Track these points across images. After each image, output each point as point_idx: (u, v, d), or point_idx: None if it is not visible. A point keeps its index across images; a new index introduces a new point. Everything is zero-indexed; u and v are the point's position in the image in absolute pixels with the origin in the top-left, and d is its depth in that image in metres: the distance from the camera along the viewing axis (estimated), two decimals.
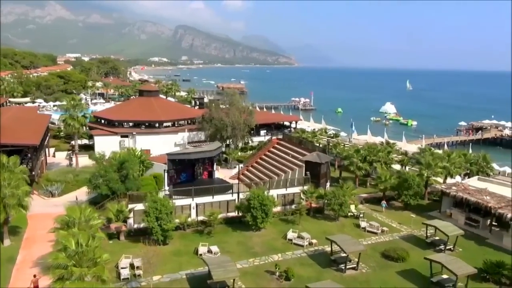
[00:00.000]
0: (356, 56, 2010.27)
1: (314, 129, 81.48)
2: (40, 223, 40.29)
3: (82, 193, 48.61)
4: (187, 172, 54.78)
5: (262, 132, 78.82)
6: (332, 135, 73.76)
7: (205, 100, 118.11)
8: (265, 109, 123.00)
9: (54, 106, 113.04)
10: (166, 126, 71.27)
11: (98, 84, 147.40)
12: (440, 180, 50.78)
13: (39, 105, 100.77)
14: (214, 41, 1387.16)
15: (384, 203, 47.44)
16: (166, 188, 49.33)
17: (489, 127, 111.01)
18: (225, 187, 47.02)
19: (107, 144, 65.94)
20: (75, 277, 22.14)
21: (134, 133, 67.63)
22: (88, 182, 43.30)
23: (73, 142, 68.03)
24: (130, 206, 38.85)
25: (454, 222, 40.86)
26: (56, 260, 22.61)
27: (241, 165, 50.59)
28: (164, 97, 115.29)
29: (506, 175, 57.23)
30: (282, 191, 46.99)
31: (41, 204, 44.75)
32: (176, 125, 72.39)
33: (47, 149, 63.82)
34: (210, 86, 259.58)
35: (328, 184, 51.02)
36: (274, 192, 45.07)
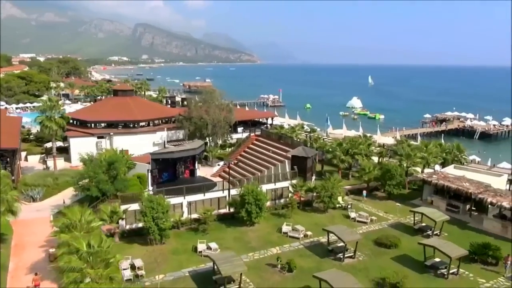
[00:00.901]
0: (318, 53, 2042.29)
1: (289, 125, 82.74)
2: (26, 229, 39.00)
3: (65, 197, 47.32)
4: (169, 171, 54.46)
5: (240, 129, 79.15)
6: (309, 130, 74.99)
7: (177, 99, 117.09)
8: (238, 106, 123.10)
9: (17, 108, 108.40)
10: (143, 126, 70.17)
11: (62, 84, 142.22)
12: (419, 169, 53.08)
13: (6, 108, 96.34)
14: (175, 39, 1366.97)
15: (364, 192, 49.06)
16: (150, 188, 48.90)
17: (452, 119, 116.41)
18: (209, 185, 46.81)
19: (83, 146, 64.03)
20: (90, 279, 21.69)
21: (111, 133, 66.14)
22: (75, 185, 42.14)
23: (46, 145, 65.77)
24: (123, 206, 38.19)
25: (436, 209, 42.93)
26: (68, 263, 22.10)
27: (232, 162, 50.59)
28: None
29: (477, 162, 60.52)
30: (271, 186, 47.59)
31: (23, 210, 42.92)
32: (154, 125, 71.41)
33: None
34: (175, 85, 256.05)
35: (313, 177, 52.10)
36: (263, 187, 45.58)
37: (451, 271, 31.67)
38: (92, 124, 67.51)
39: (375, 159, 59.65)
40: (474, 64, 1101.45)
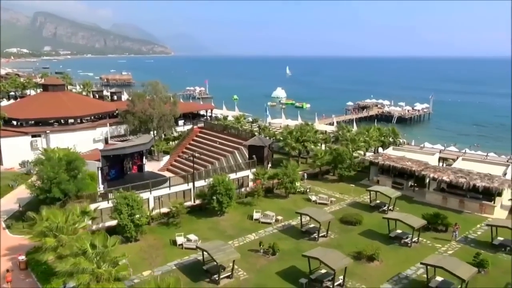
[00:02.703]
0: (233, 44, 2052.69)
1: (232, 116, 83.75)
2: None
3: (8, 200, 43.86)
4: (116, 168, 52.94)
5: (180, 122, 78.47)
6: (251, 121, 76.81)
7: (104, 93, 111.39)
8: None
9: None
10: (82, 122, 66.42)
11: None
12: (361, 152, 57.70)
13: None
14: (81, 30, 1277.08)
15: (304, 175, 52.07)
16: (101, 186, 47.30)
17: (371, 106, 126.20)
18: (161, 180, 46.08)
19: (16, 146, 59.37)
20: (101, 279, 21.18)
21: (47, 131, 61.70)
22: (31, 186, 39.21)
23: None
24: (93, 205, 36.61)
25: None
26: (78, 265, 21.26)
27: (195, 154, 50.26)
28: None
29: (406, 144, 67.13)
30: (233, 175, 48.56)
31: None
32: (93, 120, 67.91)
33: None
34: (89, 78, 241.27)
35: (269, 165, 54.08)
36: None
37: (413, 240, 35.72)
38: (24, 123, 62.31)
39: (321, 145, 63.30)
40: (375, 55, 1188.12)
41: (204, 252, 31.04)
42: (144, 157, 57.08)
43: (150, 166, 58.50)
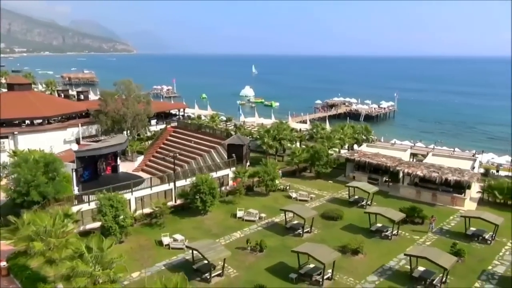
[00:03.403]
0: (197, 42, 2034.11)
1: (200, 115, 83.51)
2: None
3: None
4: (89, 170, 51.93)
5: (153, 121, 77.49)
6: (225, 120, 76.91)
7: (70, 92, 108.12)
8: None
9: None
10: (51, 122, 64.22)
11: None
12: (336, 150, 59.19)
13: None
14: (37, 26, 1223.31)
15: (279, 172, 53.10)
16: (76, 188, 46.19)
17: (339, 104, 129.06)
18: (142, 181, 45.49)
19: None
20: (102, 281, 20.92)
21: (15, 132, 59.32)
22: (7, 190, 37.70)
23: None
24: (75, 208, 35.72)
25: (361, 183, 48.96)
26: (76, 268, 20.86)
27: (176, 154, 49.88)
28: None
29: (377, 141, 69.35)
30: (213, 174, 48.58)
31: None
32: (63, 121, 65.80)
33: None
34: (49, 77, 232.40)
35: (248, 164, 54.45)
36: None
37: (393, 233, 37.22)
38: None
39: (297, 143, 64.39)
40: (333, 55, 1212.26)
41: (194, 251, 31.10)
42: (118, 158, 56.23)
43: (124, 167, 57.64)
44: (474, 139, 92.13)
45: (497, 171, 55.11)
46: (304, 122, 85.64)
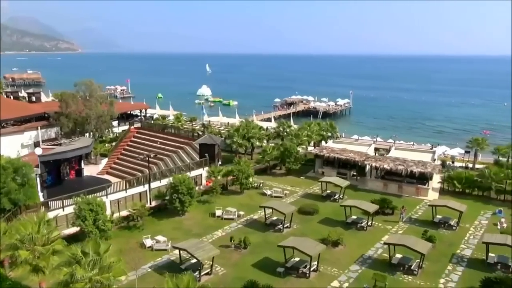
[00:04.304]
0: (144, 41, 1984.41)
1: (164, 115, 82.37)
2: None
3: None
4: (52, 174, 50.25)
5: (114, 122, 75.49)
6: (190, 119, 76.42)
7: (20, 94, 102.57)
8: None
9: None
10: (4, 126, 60.82)
11: None
12: (304, 146, 60.79)
13: None
14: None
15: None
16: (40, 194, 44.49)
17: (297, 102, 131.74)
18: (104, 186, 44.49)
19: None
20: (100, 285, 20.59)
21: None
22: None
23: None
24: (51, 214, 34.38)
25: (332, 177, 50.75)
26: (76, 274, 20.35)
27: (151, 155, 48.92)
28: None
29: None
30: (187, 174, 48.26)
31: None
32: (18, 124, 62.52)
33: None
34: None
35: (219, 163, 54.64)
36: None
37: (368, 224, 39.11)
38: None
39: (265, 141, 65.33)
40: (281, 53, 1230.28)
41: (182, 252, 31.07)
42: (82, 161, 54.54)
43: (88, 170, 56.06)
44: (424, 133, 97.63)
45: (453, 162, 59.09)
46: (269, 120, 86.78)
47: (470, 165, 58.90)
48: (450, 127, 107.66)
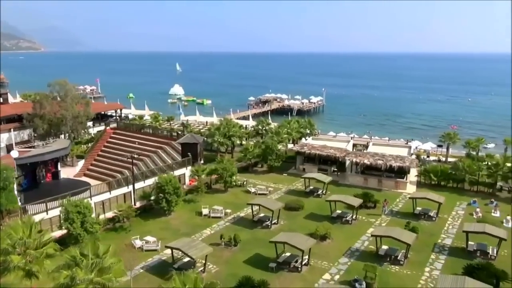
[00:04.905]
0: (111, 40, 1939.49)
1: (139, 116, 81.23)
2: None
3: None
4: (28, 178, 49.10)
5: (89, 123, 73.85)
6: (167, 119, 75.79)
7: None
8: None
9: None
10: None
11: None
12: (284, 144, 61.57)
13: None
14: None
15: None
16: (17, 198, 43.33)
17: (271, 100, 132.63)
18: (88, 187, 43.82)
19: None
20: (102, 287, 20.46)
21: None
22: None
23: None
24: (36, 217, 33.50)
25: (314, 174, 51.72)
26: (76, 277, 20.10)
27: (135, 155, 48.19)
28: None
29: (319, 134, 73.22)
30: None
31: None
32: None
33: None
34: None
35: (201, 162, 54.58)
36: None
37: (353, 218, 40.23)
38: None
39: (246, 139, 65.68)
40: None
41: (174, 251, 31.05)
42: (58, 164, 53.32)
43: (64, 172, 54.99)
44: (395, 129, 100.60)
45: (428, 156, 61.42)
46: (246, 118, 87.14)
47: (443, 159, 61.40)
48: (418, 122, 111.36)
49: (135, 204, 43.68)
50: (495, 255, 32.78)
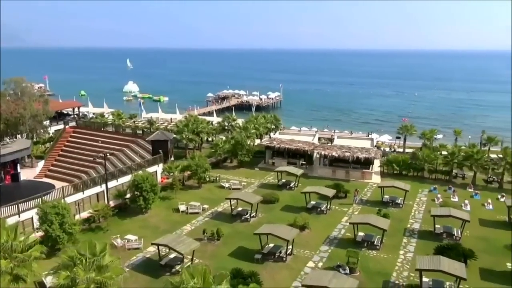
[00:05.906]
0: (53, 35, 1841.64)
1: (96, 113, 78.83)
2: None
3: None
4: None
5: (46, 122, 70.75)
6: (130, 116, 74.22)
7: None
8: None
9: None
10: None
11: None
12: (252, 139, 62.45)
13: None
14: None
15: None
16: None
17: (230, 96, 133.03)
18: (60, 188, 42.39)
19: None
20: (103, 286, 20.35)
21: None
22: None
23: None
24: (11, 221, 32.03)
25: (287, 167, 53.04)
26: (77, 277, 19.81)
27: (107, 154, 46.74)
28: None
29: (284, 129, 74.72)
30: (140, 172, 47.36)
31: None
32: None
33: None
34: None
35: (172, 158, 54.24)
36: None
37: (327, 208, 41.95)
38: None
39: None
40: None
41: (161, 247, 31.02)
42: (18, 165, 51.09)
43: (24, 174, 52.75)
44: (351, 124, 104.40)
45: (390, 148, 64.77)
46: (209, 114, 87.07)
47: (401, 150, 65.03)
48: (371, 117, 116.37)
49: (109, 203, 42.79)
50: (459, 236, 35.64)
